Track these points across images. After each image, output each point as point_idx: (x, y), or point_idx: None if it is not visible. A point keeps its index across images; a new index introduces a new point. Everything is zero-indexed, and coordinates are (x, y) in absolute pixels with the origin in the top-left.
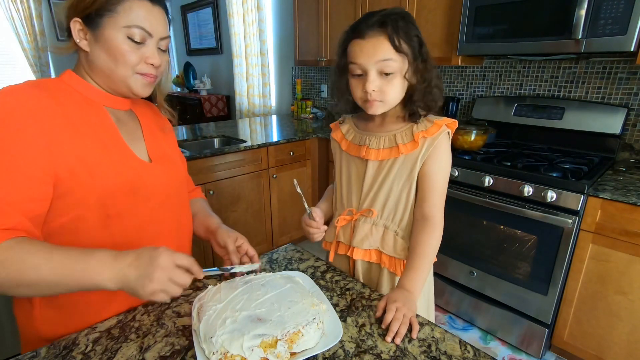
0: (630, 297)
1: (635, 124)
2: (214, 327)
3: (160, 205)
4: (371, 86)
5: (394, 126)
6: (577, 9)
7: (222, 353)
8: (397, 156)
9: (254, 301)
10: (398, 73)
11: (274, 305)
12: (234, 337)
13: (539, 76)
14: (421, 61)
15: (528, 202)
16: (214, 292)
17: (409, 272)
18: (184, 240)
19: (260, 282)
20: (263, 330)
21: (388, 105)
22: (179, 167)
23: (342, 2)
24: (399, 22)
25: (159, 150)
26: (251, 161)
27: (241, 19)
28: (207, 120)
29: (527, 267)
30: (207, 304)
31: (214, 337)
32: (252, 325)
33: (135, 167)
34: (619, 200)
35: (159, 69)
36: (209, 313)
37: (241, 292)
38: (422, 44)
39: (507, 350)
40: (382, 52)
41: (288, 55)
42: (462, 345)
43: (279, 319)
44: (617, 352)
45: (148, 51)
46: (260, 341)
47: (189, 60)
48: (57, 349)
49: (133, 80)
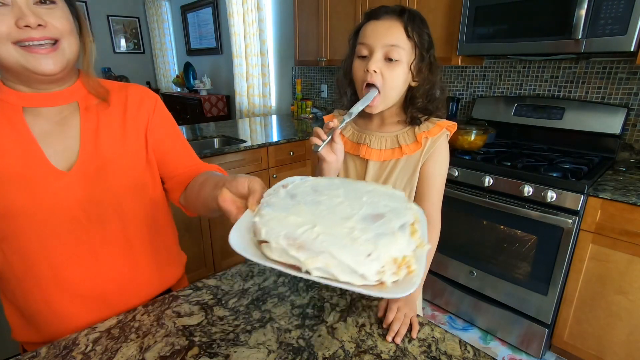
0: (630, 297)
1: (635, 124)
2: (351, 247)
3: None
4: (373, 65)
5: (394, 127)
6: (577, 9)
7: (389, 262)
8: (399, 157)
9: (339, 205)
10: (404, 62)
11: (365, 199)
12: (385, 242)
13: (539, 76)
14: (427, 63)
15: (528, 202)
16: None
17: None
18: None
19: (307, 190)
20: (398, 222)
21: (386, 99)
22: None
23: (342, 2)
24: (416, 18)
25: (97, 153)
26: (251, 161)
27: (241, 19)
28: (207, 120)
29: (527, 267)
30: (298, 234)
31: (373, 253)
32: (382, 223)
33: (37, 181)
34: (619, 200)
35: (46, 28)
36: (320, 239)
37: (308, 205)
38: (431, 46)
39: (507, 350)
40: (394, 36)
41: (288, 55)
42: (462, 345)
43: (391, 207)
44: (617, 352)
45: (16, 12)
46: (409, 232)
47: (189, 60)
48: (57, 349)
49: (17, 54)
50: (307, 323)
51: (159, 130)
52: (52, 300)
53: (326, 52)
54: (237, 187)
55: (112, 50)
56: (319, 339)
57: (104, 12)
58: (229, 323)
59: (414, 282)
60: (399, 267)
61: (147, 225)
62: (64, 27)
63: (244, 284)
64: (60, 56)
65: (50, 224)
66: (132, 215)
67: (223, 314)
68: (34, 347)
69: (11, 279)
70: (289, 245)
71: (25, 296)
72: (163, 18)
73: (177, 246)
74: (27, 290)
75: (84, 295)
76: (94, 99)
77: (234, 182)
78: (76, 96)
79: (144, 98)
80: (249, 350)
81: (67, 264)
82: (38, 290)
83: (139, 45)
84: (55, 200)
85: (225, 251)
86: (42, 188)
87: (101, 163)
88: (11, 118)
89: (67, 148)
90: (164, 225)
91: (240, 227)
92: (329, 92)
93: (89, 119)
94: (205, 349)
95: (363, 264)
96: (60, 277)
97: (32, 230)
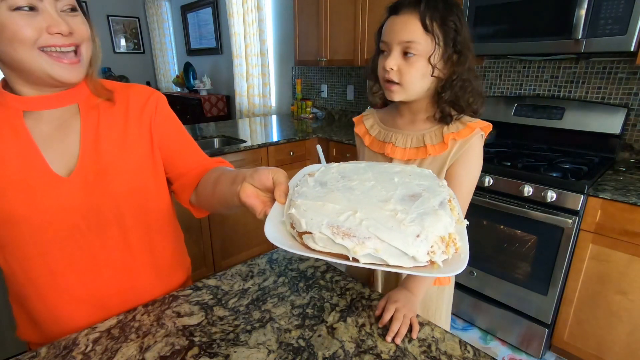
0: (630, 297)
1: (635, 124)
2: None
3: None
4: (390, 63)
5: (423, 125)
6: (577, 9)
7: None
8: (424, 157)
9: (372, 189)
10: (422, 56)
11: (396, 180)
12: (430, 221)
13: (539, 76)
14: (454, 51)
15: (528, 202)
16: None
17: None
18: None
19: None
20: (436, 200)
21: (407, 91)
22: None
23: (342, 2)
24: (438, 3)
25: (97, 157)
26: (251, 161)
27: (241, 19)
28: (207, 120)
29: (527, 267)
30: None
31: (421, 234)
32: (421, 202)
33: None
34: (619, 200)
35: (74, 35)
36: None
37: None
38: (458, 32)
39: (507, 350)
40: (410, 32)
41: (288, 55)
42: (462, 345)
43: (424, 186)
44: (617, 352)
45: (47, 18)
46: (448, 209)
47: (189, 60)
48: (57, 349)
49: (43, 62)
50: (307, 323)
51: (163, 128)
52: (52, 305)
53: (326, 52)
54: (260, 180)
55: (112, 50)
56: (319, 339)
57: (104, 12)
58: (229, 323)
59: (463, 260)
60: (447, 246)
61: (149, 230)
62: (86, 34)
63: (244, 284)
64: (82, 66)
65: (49, 231)
66: (133, 221)
67: (223, 314)
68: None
69: (14, 283)
70: (333, 234)
71: (26, 300)
72: (163, 18)
73: (181, 250)
74: (28, 295)
75: (83, 301)
76: (97, 99)
77: (255, 176)
78: (78, 97)
79: (147, 98)
80: (249, 350)
81: (66, 270)
82: (37, 296)
83: (139, 45)
84: (54, 206)
85: (226, 251)
86: (42, 194)
87: (101, 168)
88: (12, 123)
89: (67, 152)
90: (168, 231)
91: (273, 220)
92: (329, 92)
93: (89, 122)
94: (205, 349)
95: (413, 246)
96: (59, 282)
97: (32, 237)
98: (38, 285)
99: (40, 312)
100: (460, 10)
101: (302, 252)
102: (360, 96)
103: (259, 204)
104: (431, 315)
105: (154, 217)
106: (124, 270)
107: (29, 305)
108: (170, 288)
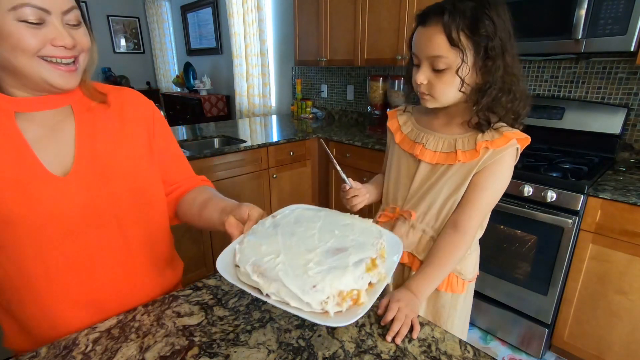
0: (630, 297)
1: (635, 124)
2: (301, 278)
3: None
4: (419, 78)
5: (458, 129)
6: (577, 9)
7: (334, 294)
8: (453, 162)
9: (309, 237)
10: (451, 69)
11: (336, 232)
12: (337, 275)
13: (539, 76)
14: (487, 58)
15: (528, 202)
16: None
17: (420, 277)
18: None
19: (290, 221)
20: (356, 257)
21: (440, 101)
22: (122, 178)
23: (342, 2)
24: (467, 8)
25: (93, 158)
26: (251, 161)
27: (241, 19)
28: (207, 120)
29: (527, 267)
30: (263, 262)
31: (317, 285)
32: (340, 257)
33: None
34: (619, 200)
35: (75, 48)
36: (278, 267)
37: (283, 236)
38: (491, 37)
39: (507, 350)
40: (435, 47)
41: (288, 55)
42: (462, 345)
43: (357, 242)
44: (617, 352)
45: (52, 31)
46: (365, 267)
47: (189, 60)
48: (57, 349)
49: (43, 70)
50: (307, 323)
51: (161, 141)
52: (47, 307)
53: (326, 52)
54: (241, 214)
55: (112, 50)
56: (319, 339)
57: (104, 12)
58: (229, 323)
59: (357, 314)
60: (344, 300)
61: (146, 230)
62: (86, 45)
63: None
64: (79, 74)
65: (47, 231)
66: (131, 220)
67: (223, 314)
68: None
69: (6, 286)
70: (252, 270)
71: (20, 303)
72: (163, 18)
73: (174, 252)
74: (22, 298)
75: (80, 302)
76: (90, 102)
77: (239, 211)
78: (70, 99)
79: (140, 102)
80: (249, 350)
81: (63, 270)
82: (32, 298)
83: (139, 45)
84: (52, 206)
85: None
86: (39, 194)
87: (98, 167)
88: (3, 123)
89: (61, 153)
90: (165, 230)
91: (227, 250)
92: (329, 92)
93: (84, 123)
94: (205, 349)
95: (308, 294)
96: (56, 283)
97: (29, 238)
98: (34, 287)
99: (34, 317)
100: (495, 8)
101: (232, 280)
102: (360, 96)
103: (237, 233)
104: (443, 323)
105: (152, 217)
106: (123, 270)
107: (23, 309)
108: (165, 289)
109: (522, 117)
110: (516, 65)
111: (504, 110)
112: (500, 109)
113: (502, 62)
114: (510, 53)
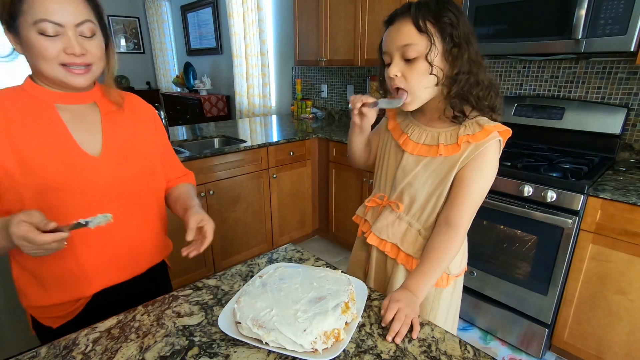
0: (630, 297)
1: (635, 124)
2: (293, 325)
3: (103, 198)
4: (392, 70)
5: (440, 124)
6: (577, 9)
7: (321, 334)
8: (435, 156)
9: (294, 291)
10: (422, 56)
11: (314, 284)
12: (320, 319)
13: (539, 76)
14: (453, 46)
15: (528, 202)
16: (246, 306)
17: (417, 276)
18: (151, 232)
19: (276, 279)
20: (333, 303)
21: (416, 95)
22: (139, 161)
23: (342, 2)
24: (430, 2)
25: (117, 144)
26: (251, 161)
27: (241, 19)
28: (207, 120)
29: (527, 267)
30: (260, 316)
31: (307, 329)
32: (321, 304)
33: (75, 162)
34: (619, 200)
35: (86, 56)
36: (274, 319)
37: (272, 292)
38: (455, 26)
39: (507, 350)
40: (405, 35)
41: (288, 55)
42: (462, 345)
43: (332, 290)
44: (617, 352)
45: (65, 42)
46: (341, 310)
47: (189, 60)
48: (57, 349)
49: (59, 72)
50: None
51: (159, 140)
52: (83, 259)
53: (326, 52)
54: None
55: None
56: None
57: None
58: None
59: (340, 348)
60: (328, 338)
61: (157, 202)
62: (98, 55)
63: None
64: (90, 76)
65: (85, 197)
66: (147, 193)
67: None
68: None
69: None
70: (253, 324)
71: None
72: (163, 18)
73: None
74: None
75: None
76: (112, 105)
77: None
78: (94, 97)
79: (144, 105)
80: (249, 350)
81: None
82: (71, 251)
83: (139, 45)
84: (89, 178)
85: (226, 251)
86: (79, 168)
87: (121, 151)
88: (46, 111)
89: (92, 139)
90: (164, 206)
91: (226, 311)
92: (329, 92)
93: (108, 116)
94: (205, 349)
95: (300, 337)
96: (91, 240)
97: (71, 202)
98: (73, 243)
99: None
100: (455, 5)
101: (236, 336)
102: None
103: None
104: (426, 314)
105: (159, 192)
106: (138, 232)
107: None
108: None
109: (499, 109)
110: (480, 57)
111: (475, 99)
112: (472, 97)
113: (467, 51)
114: (474, 47)
